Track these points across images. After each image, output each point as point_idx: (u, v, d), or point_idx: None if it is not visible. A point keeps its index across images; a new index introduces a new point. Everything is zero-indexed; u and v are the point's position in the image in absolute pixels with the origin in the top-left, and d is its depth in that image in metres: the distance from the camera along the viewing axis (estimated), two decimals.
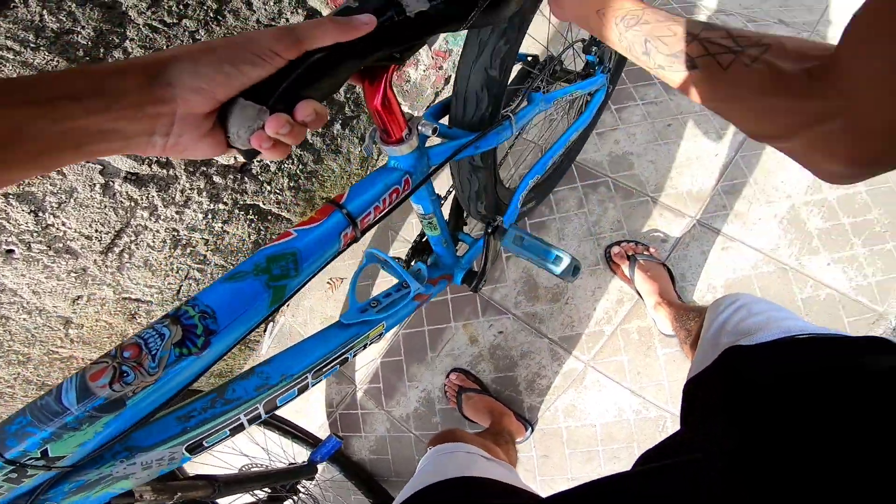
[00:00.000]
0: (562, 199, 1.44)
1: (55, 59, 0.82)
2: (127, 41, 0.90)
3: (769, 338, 0.53)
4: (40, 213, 0.98)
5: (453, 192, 0.95)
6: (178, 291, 1.36)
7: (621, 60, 1.28)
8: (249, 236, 1.42)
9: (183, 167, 1.13)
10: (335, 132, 1.46)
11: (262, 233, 1.46)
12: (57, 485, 0.37)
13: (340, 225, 0.50)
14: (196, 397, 0.47)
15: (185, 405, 0.45)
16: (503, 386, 1.37)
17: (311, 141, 1.40)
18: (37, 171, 0.30)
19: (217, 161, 1.20)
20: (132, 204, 1.10)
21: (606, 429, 1.26)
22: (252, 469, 1.07)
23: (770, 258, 1.24)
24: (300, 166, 1.42)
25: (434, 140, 0.66)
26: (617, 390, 1.27)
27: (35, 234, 1.00)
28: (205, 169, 1.18)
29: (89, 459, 0.38)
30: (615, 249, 1.32)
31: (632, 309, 1.31)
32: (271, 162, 1.33)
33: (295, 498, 1.18)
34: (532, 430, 1.31)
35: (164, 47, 0.97)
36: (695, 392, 0.57)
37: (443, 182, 1.51)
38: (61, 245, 1.06)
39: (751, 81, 0.38)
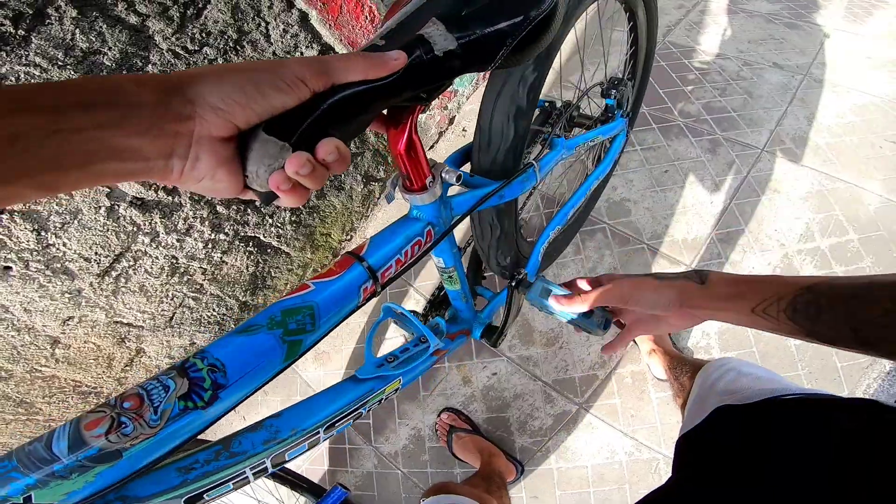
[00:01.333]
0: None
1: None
2: (150, 65, 0.91)
3: (757, 397, 0.53)
4: (42, 233, 0.96)
5: (472, 245, 0.91)
6: (171, 318, 1.32)
7: (637, 103, 1.25)
8: (248, 268, 1.40)
9: (188, 195, 1.12)
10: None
11: (261, 265, 1.43)
12: None
13: (360, 278, 0.47)
14: (199, 448, 0.44)
15: (187, 456, 0.42)
16: (495, 426, 1.33)
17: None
18: (35, 190, 0.26)
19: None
20: (135, 229, 1.09)
21: (598, 470, 1.23)
22: None
23: None
24: None
25: (454, 189, 0.62)
26: (609, 432, 1.25)
27: (34, 253, 0.98)
28: (210, 198, 1.17)
29: None
30: None
31: (626, 355, 1.30)
32: None
33: None
34: (522, 471, 1.27)
35: None
36: (685, 448, 0.57)
37: (459, 234, 1.49)
38: (59, 265, 1.03)
39: None
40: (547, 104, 0.97)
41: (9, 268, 0.98)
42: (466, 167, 0.74)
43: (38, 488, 0.33)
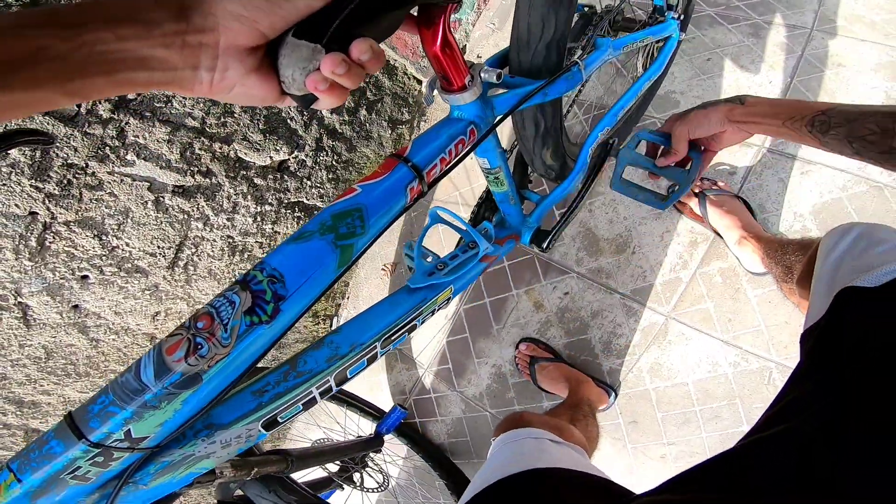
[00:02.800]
0: None
1: None
2: None
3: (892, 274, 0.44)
4: (104, 237, 1.02)
5: (516, 149, 0.89)
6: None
7: (690, 4, 1.18)
8: (304, 219, 1.44)
9: (224, 174, 1.15)
10: (362, 118, 1.44)
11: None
12: (142, 467, 0.36)
13: (406, 178, 0.47)
14: (269, 370, 0.45)
15: (259, 379, 0.44)
16: (577, 351, 1.30)
17: (340, 130, 1.39)
18: (65, 96, 0.28)
19: (255, 163, 1.21)
20: (185, 216, 1.13)
21: (701, 386, 1.16)
22: (323, 443, 1.08)
23: (859, 177, 1.10)
24: (335, 157, 1.42)
25: (496, 92, 0.62)
26: (706, 342, 1.17)
27: (104, 258, 1.05)
28: (244, 172, 1.19)
29: (172, 439, 0.37)
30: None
31: (708, 250, 1.21)
32: (307, 156, 1.33)
33: (364, 471, 1.20)
34: (615, 396, 1.24)
35: None
36: (811, 345, 0.48)
37: (503, 137, 1.44)
38: (130, 265, 1.10)
39: None
40: (586, 8, 0.94)
41: (86, 277, 1.06)
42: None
43: (135, 421, 0.34)
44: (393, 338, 0.54)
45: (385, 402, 1.60)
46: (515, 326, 1.40)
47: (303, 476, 1.01)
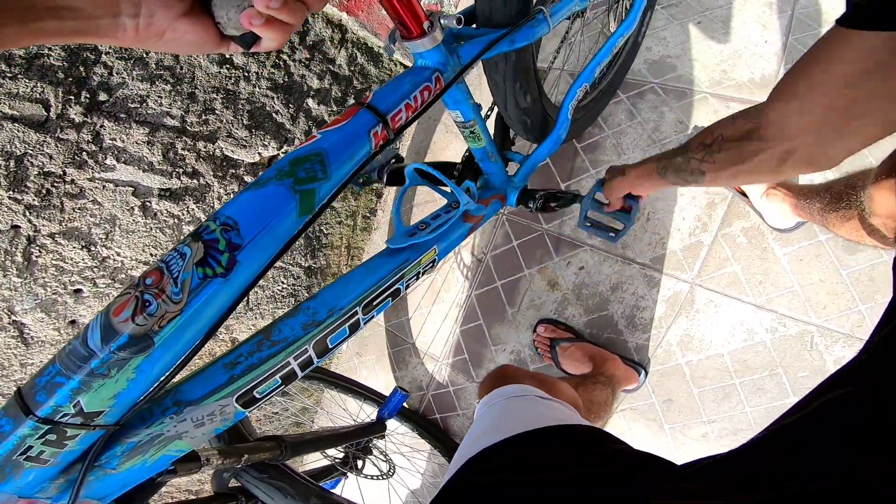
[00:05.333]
0: (608, 114, 1.33)
1: None
2: None
3: None
4: (92, 247, 1.02)
5: (496, 110, 0.90)
6: (248, 301, 1.39)
7: None
8: None
9: (212, 173, 1.14)
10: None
11: (310, 226, 1.46)
12: (107, 448, 0.34)
13: (368, 123, 0.46)
14: (242, 341, 0.43)
15: (231, 351, 0.42)
16: (599, 329, 1.26)
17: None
18: None
19: (243, 160, 1.20)
20: (176, 221, 1.13)
21: (738, 356, 1.11)
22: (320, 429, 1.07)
23: None
24: None
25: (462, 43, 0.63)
26: (738, 308, 1.12)
27: (96, 269, 1.05)
28: (233, 171, 1.19)
29: (135, 417, 0.35)
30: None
31: (728, 210, 1.16)
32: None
33: (368, 458, 1.19)
34: (646, 374, 1.18)
35: None
36: None
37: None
38: (124, 275, 1.10)
39: (732, 158, 0.58)
40: None
41: (79, 290, 1.06)
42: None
43: (83, 392, 0.32)
44: (375, 303, 0.52)
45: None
46: (531, 308, 1.36)
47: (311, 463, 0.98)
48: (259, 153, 1.22)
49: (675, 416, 1.17)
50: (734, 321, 1.12)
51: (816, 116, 0.45)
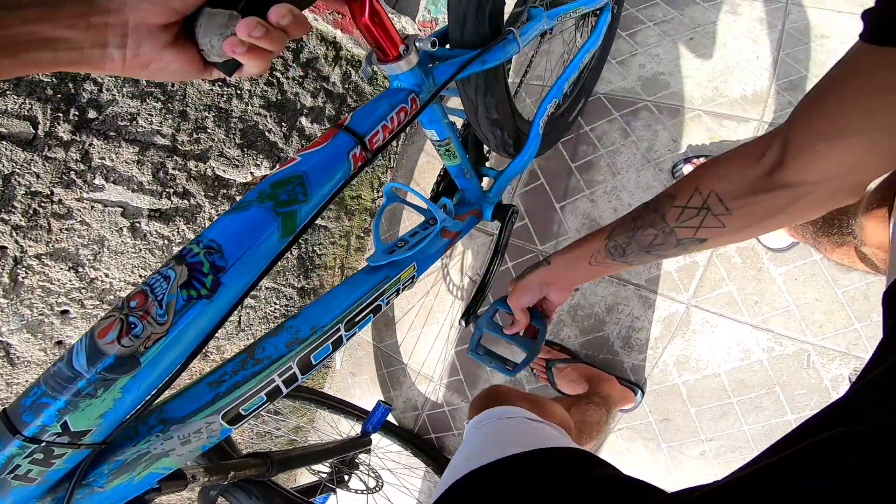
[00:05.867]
0: (602, 133, 1.37)
1: None
2: None
3: None
4: (80, 269, 1.04)
5: (470, 127, 0.94)
6: (239, 322, 1.40)
7: None
8: (291, 252, 1.45)
9: (203, 193, 1.17)
10: None
11: (303, 246, 1.48)
12: (95, 466, 0.36)
13: (347, 144, 0.49)
14: (226, 360, 0.45)
15: (216, 370, 0.44)
16: (595, 349, 1.27)
17: None
18: None
19: (235, 180, 1.23)
20: (166, 242, 1.15)
21: (735, 375, 1.13)
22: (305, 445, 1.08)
23: None
24: None
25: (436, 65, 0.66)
26: (734, 328, 1.14)
27: (83, 291, 1.06)
28: (225, 191, 1.22)
29: (122, 435, 0.36)
30: (686, 167, 1.21)
31: None
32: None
33: (355, 472, 1.21)
34: (642, 394, 1.20)
35: None
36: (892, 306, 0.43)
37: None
38: (112, 296, 1.12)
39: (748, 218, 0.49)
40: None
41: (66, 311, 1.07)
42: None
43: (70, 412, 0.34)
44: (357, 319, 0.54)
45: (397, 421, 1.61)
46: None
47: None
48: (251, 173, 1.25)
49: (672, 434, 1.18)
50: (730, 341, 1.14)
51: (865, 149, 0.40)
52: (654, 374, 1.21)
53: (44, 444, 0.33)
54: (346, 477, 1.18)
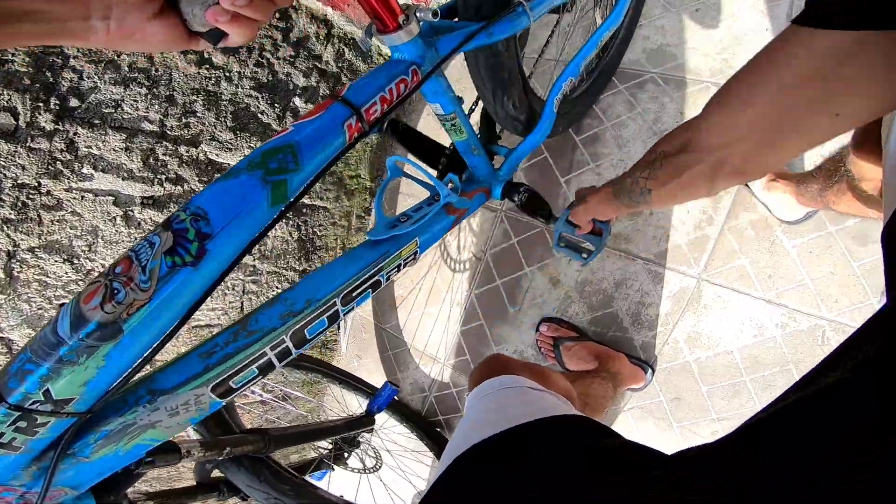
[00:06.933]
0: (607, 106, 1.35)
1: None
2: None
3: None
4: (75, 260, 1.05)
5: (481, 103, 0.92)
6: (242, 308, 1.41)
7: None
8: (291, 235, 1.46)
9: (197, 179, 1.17)
10: None
11: (303, 229, 1.49)
12: (80, 436, 0.36)
13: (342, 114, 0.48)
14: (218, 332, 0.45)
15: (207, 341, 0.44)
16: (604, 327, 1.27)
17: None
18: None
19: (228, 164, 1.23)
20: None
21: (748, 353, 1.12)
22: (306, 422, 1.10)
23: None
24: None
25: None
26: (747, 303, 1.13)
27: (81, 283, 1.07)
28: (219, 175, 1.21)
29: (109, 405, 0.37)
30: None
31: (734, 201, 1.17)
32: None
33: (356, 451, 1.23)
34: (653, 372, 1.20)
35: None
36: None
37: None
38: None
39: (670, 173, 0.58)
40: None
41: (65, 304, 1.08)
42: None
43: (52, 379, 0.34)
44: (354, 294, 0.54)
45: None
46: (533, 307, 1.38)
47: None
48: (245, 155, 1.25)
49: (683, 413, 1.18)
50: (743, 317, 1.13)
51: (752, 124, 0.45)
52: (664, 352, 1.20)
53: (27, 411, 0.33)
54: (346, 455, 1.20)
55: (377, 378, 1.70)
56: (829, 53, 0.37)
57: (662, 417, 1.20)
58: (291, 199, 0.42)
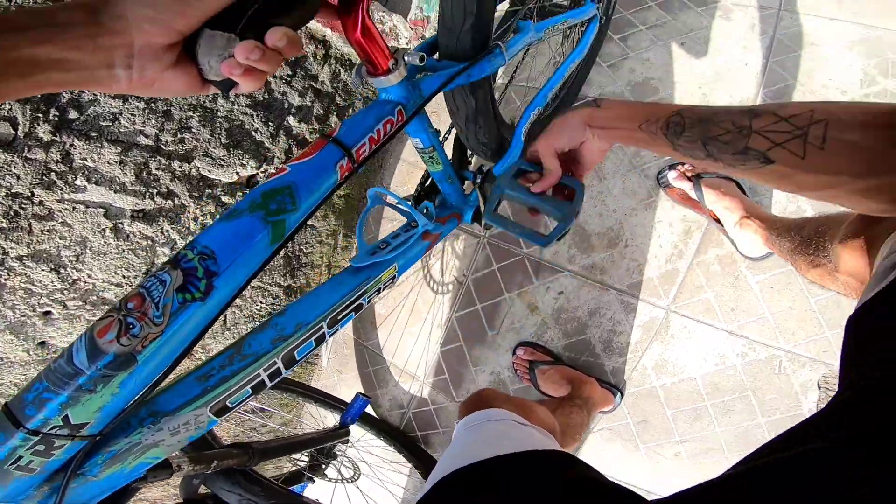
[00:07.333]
0: None
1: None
2: None
3: None
4: (62, 270, 1.06)
5: (454, 131, 0.98)
6: (225, 321, 1.42)
7: None
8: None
9: (187, 193, 1.19)
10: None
11: (290, 245, 1.51)
12: (90, 456, 0.39)
13: (334, 155, 0.52)
14: (213, 356, 0.49)
15: (204, 364, 0.47)
16: (577, 352, 1.32)
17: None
18: None
19: (220, 180, 1.26)
20: (149, 242, 1.17)
21: (710, 380, 1.19)
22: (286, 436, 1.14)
23: None
24: None
25: (423, 76, 0.69)
26: (711, 334, 1.20)
27: (65, 292, 1.08)
28: (210, 191, 1.24)
29: (116, 427, 0.40)
30: (671, 174, 1.25)
31: (704, 237, 1.25)
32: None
33: (333, 462, 1.26)
34: (621, 396, 1.25)
35: None
36: (856, 333, 0.43)
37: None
38: (96, 297, 1.13)
39: (833, 165, 0.43)
40: None
41: (48, 312, 1.09)
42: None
43: (71, 405, 0.37)
44: (339, 317, 0.58)
45: (384, 418, 1.66)
46: (511, 331, 1.43)
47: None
48: (237, 172, 1.28)
49: (649, 436, 1.24)
50: (707, 346, 1.20)
51: None
52: (633, 377, 1.26)
53: (45, 436, 0.36)
54: (324, 466, 1.23)
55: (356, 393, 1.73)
56: None
57: (629, 439, 1.25)
58: (287, 237, 0.46)
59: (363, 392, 1.25)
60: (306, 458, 1.23)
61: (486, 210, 0.71)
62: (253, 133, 1.29)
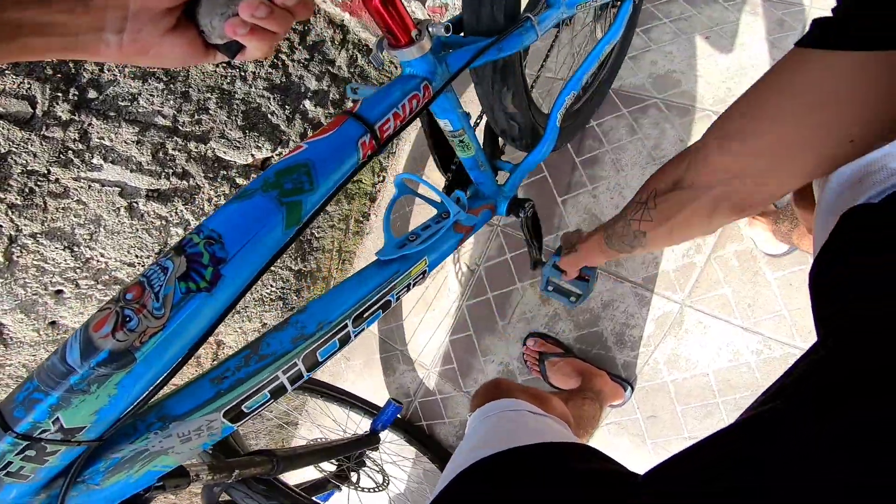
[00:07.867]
0: (609, 128, 1.34)
1: None
2: None
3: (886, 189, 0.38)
4: (75, 248, 1.01)
5: (484, 119, 0.91)
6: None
7: None
8: None
9: (202, 174, 1.14)
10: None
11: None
12: (90, 464, 0.34)
13: (356, 132, 0.45)
14: (229, 356, 0.43)
15: (218, 365, 0.42)
16: (588, 344, 1.27)
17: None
18: None
19: (235, 162, 1.20)
20: (163, 222, 1.12)
21: (722, 376, 1.13)
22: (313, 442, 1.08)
23: None
24: None
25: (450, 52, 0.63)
26: (726, 329, 1.14)
27: (78, 270, 1.04)
28: (225, 172, 1.19)
29: (119, 431, 0.35)
30: None
31: (723, 232, 1.18)
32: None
33: (362, 470, 1.20)
34: (632, 390, 1.20)
35: None
36: (818, 287, 0.43)
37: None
38: (108, 276, 1.09)
39: (663, 216, 0.54)
40: None
41: (60, 291, 1.05)
42: None
43: (63, 408, 0.32)
44: (365, 315, 0.52)
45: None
46: (522, 321, 1.37)
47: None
48: (252, 155, 1.22)
49: (657, 431, 1.19)
50: (721, 342, 1.14)
51: (757, 157, 0.41)
52: (644, 372, 1.21)
53: (36, 440, 0.31)
54: (354, 475, 1.16)
55: (364, 380, 1.68)
56: (842, 76, 0.33)
57: (637, 434, 1.20)
58: (305, 221, 0.40)
59: (395, 398, 1.17)
60: (333, 465, 1.15)
61: (541, 286, 1.03)
62: (269, 116, 1.23)
